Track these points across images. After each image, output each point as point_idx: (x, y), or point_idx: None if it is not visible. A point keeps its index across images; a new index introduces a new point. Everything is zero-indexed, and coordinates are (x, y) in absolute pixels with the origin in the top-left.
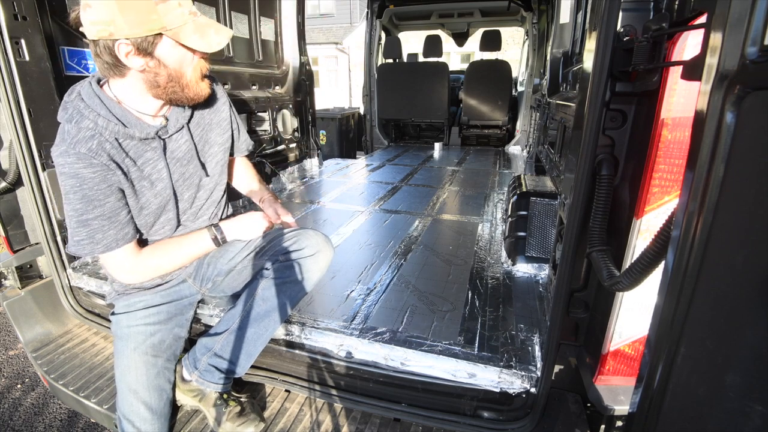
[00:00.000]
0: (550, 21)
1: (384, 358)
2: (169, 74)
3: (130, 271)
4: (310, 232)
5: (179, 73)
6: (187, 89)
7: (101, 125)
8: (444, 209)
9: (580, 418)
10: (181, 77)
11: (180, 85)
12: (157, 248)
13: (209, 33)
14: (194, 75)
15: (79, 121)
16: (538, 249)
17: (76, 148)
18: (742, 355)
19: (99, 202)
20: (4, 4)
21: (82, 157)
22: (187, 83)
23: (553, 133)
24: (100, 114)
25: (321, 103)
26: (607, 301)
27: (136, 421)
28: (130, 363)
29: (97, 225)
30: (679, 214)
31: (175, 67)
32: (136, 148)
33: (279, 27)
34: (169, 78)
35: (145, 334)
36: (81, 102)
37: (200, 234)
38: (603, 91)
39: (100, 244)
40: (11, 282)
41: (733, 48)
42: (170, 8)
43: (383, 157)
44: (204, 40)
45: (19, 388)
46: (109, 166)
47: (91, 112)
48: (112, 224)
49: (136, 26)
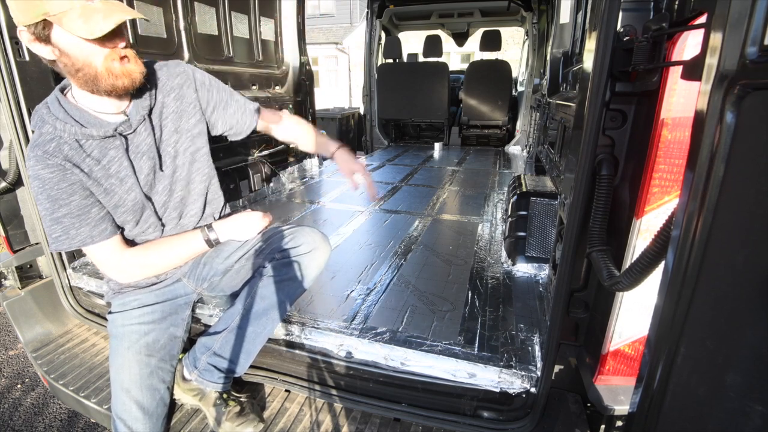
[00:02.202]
0: (550, 21)
1: (384, 358)
2: (75, 63)
3: (117, 269)
4: (307, 229)
5: (86, 63)
6: (100, 80)
7: (59, 128)
8: (444, 209)
9: (580, 418)
10: (89, 66)
11: (91, 75)
12: (146, 247)
13: (96, 18)
14: (106, 64)
15: (41, 126)
16: (538, 249)
17: (35, 151)
18: (742, 355)
19: (64, 201)
20: (4, 4)
21: (40, 159)
22: (97, 73)
23: (553, 133)
24: (59, 118)
25: (321, 103)
26: (607, 301)
27: (128, 420)
28: (123, 362)
29: (68, 222)
30: (679, 214)
31: (77, 56)
32: (99, 148)
33: (279, 27)
34: (75, 67)
35: (138, 333)
36: (45, 109)
37: (192, 234)
38: (603, 91)
39: (76, 240)
40: (11, 282)
41: (733, 48)
42: None
43: (383, 157)
44: (87, 25)
45: (19, 388)
46: (64, 166)
47: (50, 117)
48: (83, 222)
49: (24, 12)
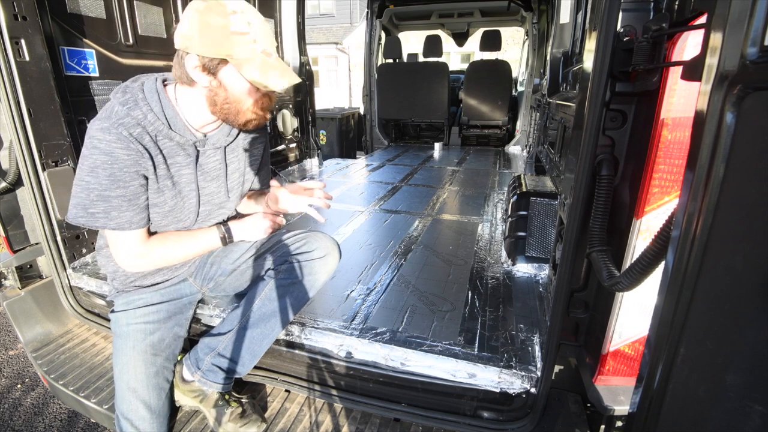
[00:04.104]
0: (550, 21)
1: (384, 358)
2: (227, 98)
3: (139, 256)
4: (320, 234)
5: (237, 100)
6: (240, 115)
7: (150, 119)
8: (444, 209)
9: (580, 418)
10: (239, 103)
11: (235, 110)
12: (166, 238)
13: (272, 73)
14: (253, 106)
15: (132, 108)
16: (538, 249)
17: (119, 129)
18: (742, 355)
19: (124, 183)
20: (4, 4)
21: (122, 138)
22: (241, 110)
23: (553, 133)
24: (153, 109)
25: (321, 103)
26: (607, 301)
27: (134, 420)
28: (128, 361)
29: (116, 203)
30: (679, 214)
31: (234, 93)
32: (170, 149)
33: (279, 27)
34: (225, 100)
35: (144, 332)
36: (141, 93)
37: (209, 231)
38: (603, 91)
39: (114, 221)
40: (11, 282)
41: (733, 48)
42: (243, 42)
43: (383, 157)
44: (264, 76)
45: (19, 388)
46: (143, 154)
47: (145, 105)
48: (131, 206)
49: (207, 47)
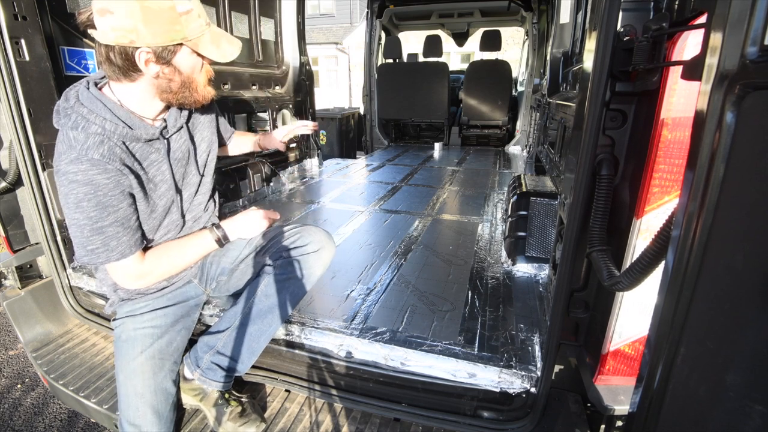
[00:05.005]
0: (550, 21)
1: (384, 358)
2: (182, 80)
3: (139, 277)
4: (313, 228)
5: (191, 79)
6: (196, 94)
7: (109, 129)
8: (444, 209)
9: (580, 418)
10: (193, 82)
11: (190, 90)
12: (161, 252)
13: (223, 43)
14: (203, 80)
15: (86, 127)
16: (538, 249)
17: (88, 154)
18: (742, 355)
19: (114, 208)
20: (4, 4)
21: (96, 163)
22: (196, 88)
23: (553, 133)
24: (106, 118)
25: (321, 103)
26: (607, 301)
27: (143, 426)
28: (136, 366)
29: (111, 232)
30: (679, 214)
31: (188, 74)
32: (141, 150)
33: (279, 27)
34: (182, 84)
35: (152, 337)
36: (82, 107)
37: (202, 235)
38: (603, 91)
39: (115, 251)
40: (11, 282)
41: (733, 48)
42: (191, 19)
43: (383, 157)
44: (219, 50)
45: (19, 388)
46: (122, 171)
47: (96, 117)
48: (126, 230)
49: (159, 36)
